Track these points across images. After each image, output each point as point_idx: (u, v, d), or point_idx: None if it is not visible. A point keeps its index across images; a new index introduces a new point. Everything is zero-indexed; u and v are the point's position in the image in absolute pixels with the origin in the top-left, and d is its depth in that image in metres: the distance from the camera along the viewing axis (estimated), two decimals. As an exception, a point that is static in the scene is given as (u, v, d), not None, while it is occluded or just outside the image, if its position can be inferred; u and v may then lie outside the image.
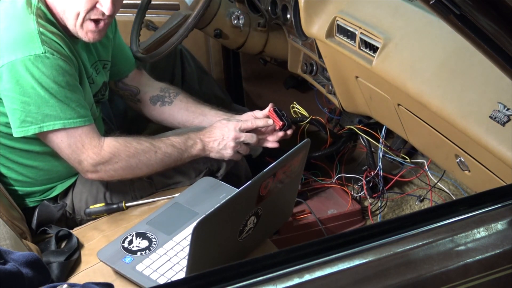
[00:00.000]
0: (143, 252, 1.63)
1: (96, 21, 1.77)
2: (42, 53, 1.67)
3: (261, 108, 2.01)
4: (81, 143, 1.75)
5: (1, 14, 1.76)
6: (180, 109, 2.10)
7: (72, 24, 1.76)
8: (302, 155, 1.59)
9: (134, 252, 1.63)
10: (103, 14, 1.74)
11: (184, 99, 2.12)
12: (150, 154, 1.81)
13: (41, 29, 1.70)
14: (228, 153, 1.91)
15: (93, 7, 1.73)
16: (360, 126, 2.29)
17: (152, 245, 1.65)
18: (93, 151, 1.76)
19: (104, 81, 2.00)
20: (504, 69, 1.13)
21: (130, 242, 1.66)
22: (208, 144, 1.89)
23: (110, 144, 1.78)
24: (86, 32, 1.78)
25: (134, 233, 1.69)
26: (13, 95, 1.69)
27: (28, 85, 1.68)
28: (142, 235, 1.68)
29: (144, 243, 1.66)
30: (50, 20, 1.76)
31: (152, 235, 1.68)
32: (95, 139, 1.77)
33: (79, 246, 1.75)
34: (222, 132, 1.90)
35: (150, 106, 2.12)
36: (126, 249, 1.64)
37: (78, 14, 1.74)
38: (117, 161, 1.78)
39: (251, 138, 1.93)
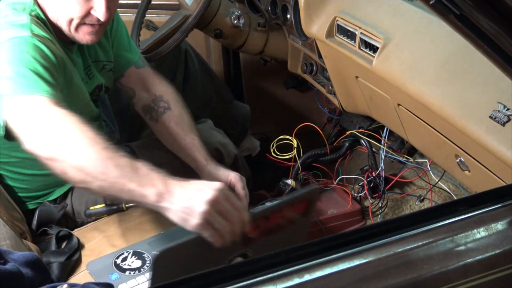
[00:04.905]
0: (132, 272, 1.57)
1: (92, 24, 1.68)
2: (29, 36, 1.57)
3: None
4: None
5: None
6: (162, 133, 1.94)
7: (66, 29, 1.68)
8: (307, 203, 1.36)
9: (123, 270, 1.57)
10: (98, 20, 1.65)
11: (167, 121, 1.90)
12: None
13: (33, 25, 1.61)
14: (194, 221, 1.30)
15: (87, 13, 1.65)
16: (361, 130, 2.29)
17: (144, 266, 1.59)
18: None
19: (98, 84, 1.90)
20: (504, 69, 1.13)
21: (124, 259, 1.61)
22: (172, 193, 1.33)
23: None
24: (83, 35, 1.69)
25: (131, 251, 1.63)
26: None
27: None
28: (138, 254, 1.62)
29: (137, 263, 1.59)
30: (45, 22, 1.67)
31: (148, 256, 1.61)
32: None
33: (80, 246, 1.74)
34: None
35: (142, 115, 2.00)
36: (116, 266, 1.58)
37: (71, 21, 1.66)
38: None
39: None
